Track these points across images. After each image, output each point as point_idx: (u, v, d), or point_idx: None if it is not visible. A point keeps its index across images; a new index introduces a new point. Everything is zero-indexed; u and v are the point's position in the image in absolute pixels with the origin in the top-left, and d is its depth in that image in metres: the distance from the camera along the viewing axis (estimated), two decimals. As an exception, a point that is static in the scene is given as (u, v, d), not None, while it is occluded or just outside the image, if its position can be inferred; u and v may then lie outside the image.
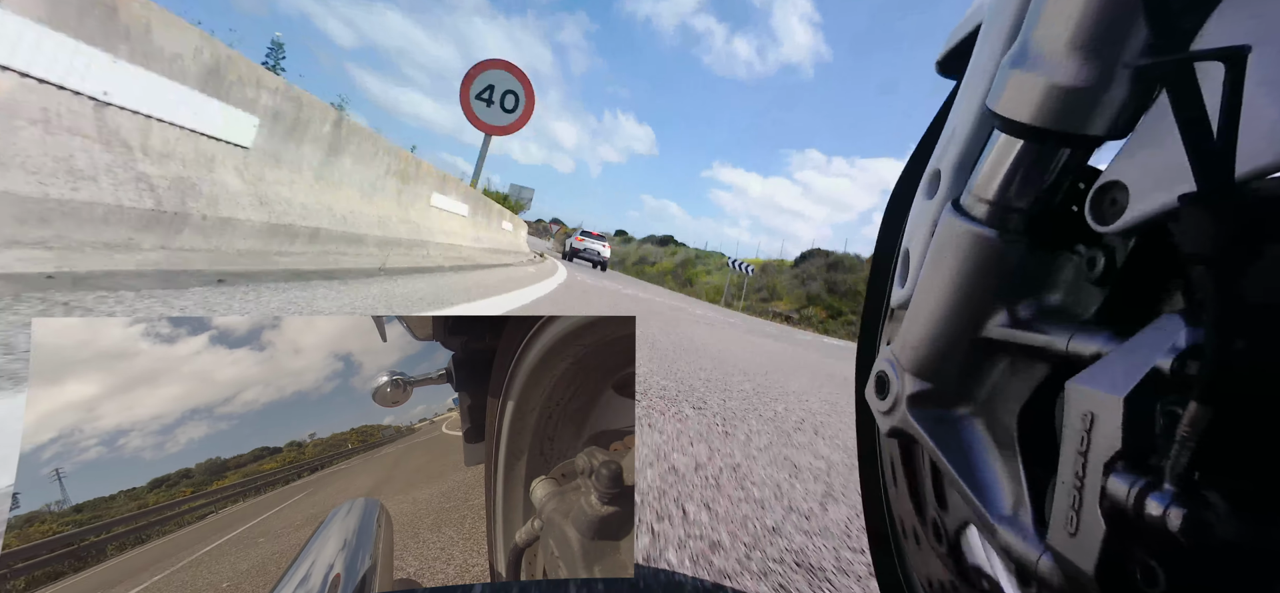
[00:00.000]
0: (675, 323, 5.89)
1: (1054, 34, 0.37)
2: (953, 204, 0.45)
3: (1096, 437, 0.31)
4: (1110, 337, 0.35)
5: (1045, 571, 0.35)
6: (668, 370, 2.69)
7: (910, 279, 0.51)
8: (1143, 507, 0.29)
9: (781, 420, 2.27)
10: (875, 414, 0.52)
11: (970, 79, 0.49)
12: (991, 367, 0.44)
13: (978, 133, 0.48)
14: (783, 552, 1.03)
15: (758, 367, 4.04)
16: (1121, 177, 0.35)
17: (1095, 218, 0.36)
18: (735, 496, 1.26)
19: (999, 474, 0.42)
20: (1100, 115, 0.36)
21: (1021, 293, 0.42)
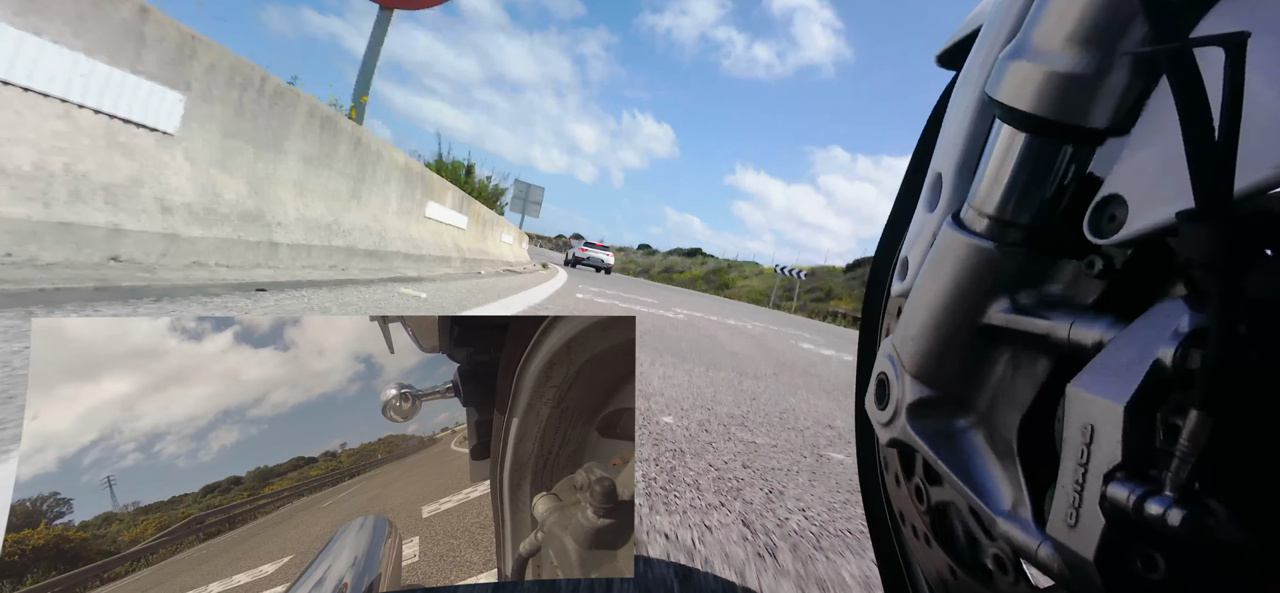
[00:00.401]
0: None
1: (1054, 28, 0.37)
2: (952, 217, 0.46)
3: (1096, 445, 0.31)
4: (1111, 325, 0.34)
5: (1046, 567, 0.35)
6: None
7: (908, 282, 0.51)
8: (1143, 510, 0.29)
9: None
10: (875, 426, 0.51)
11: (969, 73, 0.50)
12: (991, 371, 0.43)
13: (977, 131, 0.48)
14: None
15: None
16: (1120, 190, 0.35)
17: (1094, 231, 0.37)
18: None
19: (999, 479, 0.41)
20: (1099, 108, 0.36)
21: (1020, 300, 0.42)
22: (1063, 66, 0.36)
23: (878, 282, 0.65)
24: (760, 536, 1.06)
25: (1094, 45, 0.35)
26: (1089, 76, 0.36)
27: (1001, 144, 0.41)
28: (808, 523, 1.18)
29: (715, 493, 1.23)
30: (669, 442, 1.55)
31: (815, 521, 1.20)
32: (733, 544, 0.98)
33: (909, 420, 0.47)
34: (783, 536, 1.08)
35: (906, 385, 0.47)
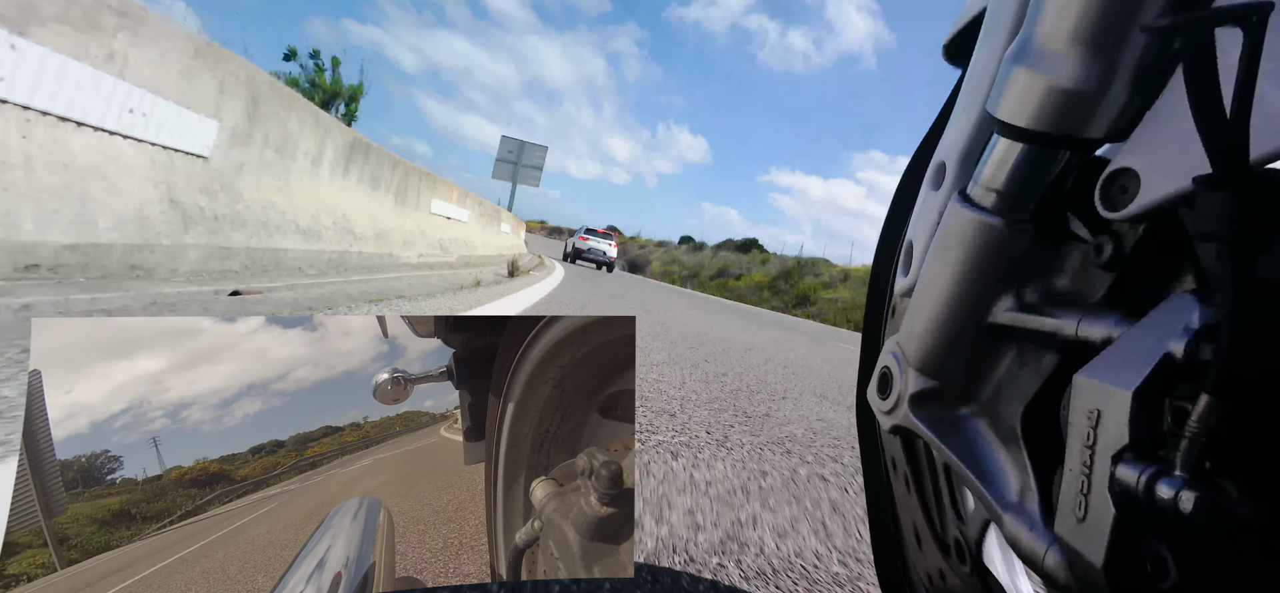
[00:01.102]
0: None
1: (1058, 27, 0.36)
2: (959, 194, 0.44)
3: (1103, 432, 0.31)
4: (1119, 323, 0.34)
5: (1052, 565, 0.34)
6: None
7: (914, 268, 0.50)
8: (1152, 498, 0.28)
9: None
10: (877, 414, 0.51)
11: (974, 70, 0.49)
12: (997, 357, 0.43)
13: (982, 125, 0.47)
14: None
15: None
16: (1132, 163, 0.34)
17: (1105, 204, 0.35)
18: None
19: (1005, 468, 0.41)
20: (1109, 105, 0.35)
21: (1028, 280, 0.41)
22: (1063, 75, 0.35)
23: (879, 278, 0.64)
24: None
25: (1109, 28, 0.34)
26: (1098, 75, 0.34)
27: (1007, 136, 0.40)
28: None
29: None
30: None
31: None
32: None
33: (912, 409, 0.46)
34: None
35: (910, 378, 0.47)
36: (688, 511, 1.06)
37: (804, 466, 1.55)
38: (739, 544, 0.97)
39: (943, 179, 0.50)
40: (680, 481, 1.21)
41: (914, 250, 0.51)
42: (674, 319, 5.52)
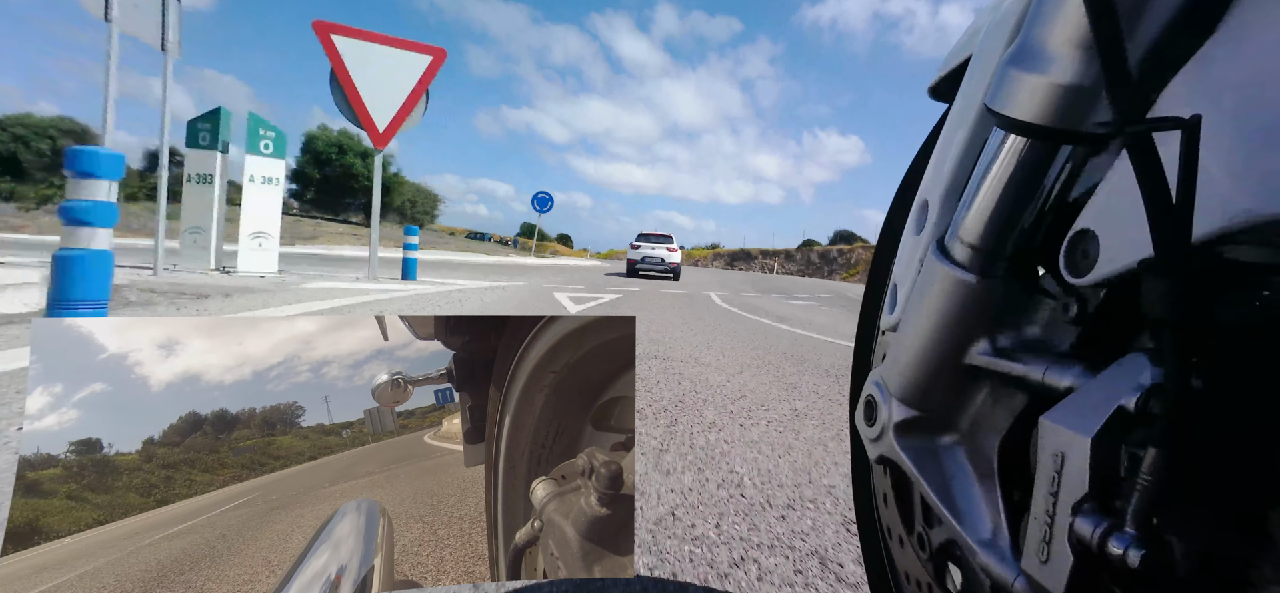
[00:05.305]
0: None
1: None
2: (937, 245, 0.48)
3: (1066, 475, 0.34)
4: (1081, 375, 0.37)
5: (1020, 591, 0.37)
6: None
7: (898, 309, 0.53)
8: (1105, 551, 0.31)
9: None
10: (864, 442, 0.54)
11: (959, 106, 0.51)
12: (973, 394, 0.46)
13: (963, 164, 0.50)
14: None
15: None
16: (1093, 225, 0.37)
17: (1069, 270, 0.38)
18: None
19: (980, 503, 0.44)
20: (1099, 105, 0.37)
21: (1000, 329, 0.44)
22: (1059, 78, 0.37)
23: (869, 311, 0.68)
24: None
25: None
26: (1084, 87, 0.36)
27: (986, 176, 0.43)
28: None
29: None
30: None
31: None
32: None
33: (896, 438, 0.49)
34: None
35: (893, 409, 0.50)
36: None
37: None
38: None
39: (924, 221, 0.53)
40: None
41: (899, 292, 0.54)
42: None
